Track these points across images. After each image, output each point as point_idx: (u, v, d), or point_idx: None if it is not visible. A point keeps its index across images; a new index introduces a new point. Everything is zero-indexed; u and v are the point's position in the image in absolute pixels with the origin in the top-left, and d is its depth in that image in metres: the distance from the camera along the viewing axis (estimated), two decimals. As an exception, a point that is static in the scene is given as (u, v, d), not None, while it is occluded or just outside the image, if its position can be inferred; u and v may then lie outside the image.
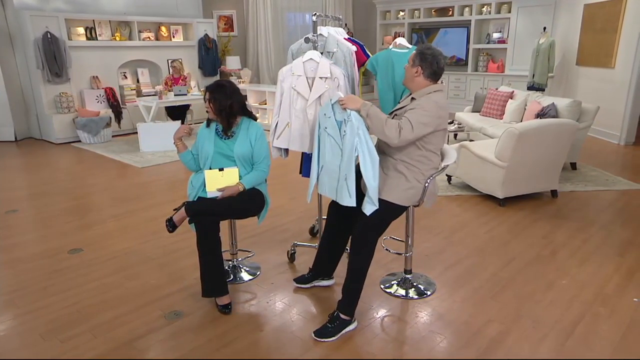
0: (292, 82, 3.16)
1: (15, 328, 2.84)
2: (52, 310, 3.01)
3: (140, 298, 3.14)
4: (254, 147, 3.04)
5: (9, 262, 3.68)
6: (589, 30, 7.84)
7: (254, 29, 11.52)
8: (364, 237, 2.72)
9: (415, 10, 10.91)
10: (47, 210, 4.83)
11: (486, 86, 9.75)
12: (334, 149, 2.83)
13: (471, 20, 10.05)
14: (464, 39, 10.25)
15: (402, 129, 2.59)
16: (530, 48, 8.49)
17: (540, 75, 8.00)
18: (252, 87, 9.21)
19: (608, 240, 3.93)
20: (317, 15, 3.27)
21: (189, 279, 3.37)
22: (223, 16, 11.44)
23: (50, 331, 2.79)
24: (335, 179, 2.84)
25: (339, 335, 2.68)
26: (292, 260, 3.62)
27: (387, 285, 3.22)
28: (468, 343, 2.64)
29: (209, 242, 2.90)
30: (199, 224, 2.89)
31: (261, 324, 2.84)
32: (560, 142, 4.70)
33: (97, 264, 3.61)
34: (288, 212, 4.58)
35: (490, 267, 3.50)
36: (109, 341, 2.69)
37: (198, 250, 2.92)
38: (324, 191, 2.97)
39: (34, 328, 2.83)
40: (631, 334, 2.71)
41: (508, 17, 9.51)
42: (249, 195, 3.04)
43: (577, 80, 8.20)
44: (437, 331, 2.76)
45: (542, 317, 2.88)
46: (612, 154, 6.74)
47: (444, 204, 4.77)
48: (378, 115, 2.65)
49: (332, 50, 3.33)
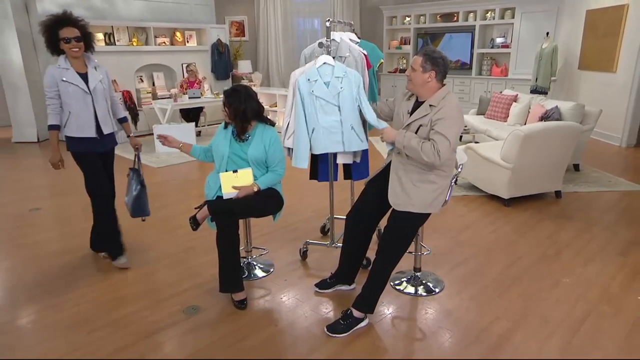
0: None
1: (40, 321, 2.85)
2: (75, 304, 3.03)
3: (158, 293, 3.15)
4: (268, 151, 3.03)
5: (32, 259, 3.70)
6: (591, 35, 7.78)
7: (265, 34, 11.53)
8: (391, 244, 2.70)
9: (421, 16, 10.87)
10: (68, 208, 4.86)
11: (490, 90, 9.70)
12: (326, 107, 3.11)
13: (475, 25, 9.99)
14: (469, 44, 10.20)
15: (439, 150, 2.51)
16: (533, 52, 8.44)
17: (543, 79, 7.94)
18: (262, 90, 9.21)
19: (612, 240, 3.89)
20: (330, 21, 3.26)
21: (205, 275, 3.37)
22: (235, 22, 11.46)
23: (75, 324, 2.81)
24: (337, 133, 3.13)
25: (350, 332, 2.67)
26: (304, 258, 3.62)
27: (397, 283, 3.21)
28: (476, 340, 2.62)
29: (229, 240, 2.91)
30: (219, 222, 2.90)
31: (275, 319, 2.84)
32: (564, 144, 4.66)
33: (116, 261, 3.62)
34: (298, 212, 4.58)
35: (497, 266, 3.48)
36: (130, 334, 2.70)
37: (217, 247, 2.92)
38: (320, 149, 3.17)
39: (60, 321, 2.84)
40: (636, 332, 2.68)
41: (512, 22, 9.45)
42: (266, 195, 3.04)
43: (579, 84, 8.14)
44: (446, 327, 2.74)
45: (548, 315, 2.85)
46: (614, 155, 6.69)
47: (450, 204, 4.74)
48: (412, 146, 2.56)
49: (345, 55, 3.31)
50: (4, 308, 3.01)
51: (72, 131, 3.23)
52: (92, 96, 3.22)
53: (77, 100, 3.17)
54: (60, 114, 3.21)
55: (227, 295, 3.03)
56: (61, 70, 3.13)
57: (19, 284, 3.31)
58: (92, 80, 3.22)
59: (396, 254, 2.71)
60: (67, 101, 3.17)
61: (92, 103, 3.23)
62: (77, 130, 3.21)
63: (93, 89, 3.22)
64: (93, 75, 3.24)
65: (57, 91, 3.14)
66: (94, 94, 3.23)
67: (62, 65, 3.14)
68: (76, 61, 3.19)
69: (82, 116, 3.21)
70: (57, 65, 3.15)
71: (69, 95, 3.15)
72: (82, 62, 3.24)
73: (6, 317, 2.90)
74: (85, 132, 3.24)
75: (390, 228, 2.71)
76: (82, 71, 3.22)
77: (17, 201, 5.07)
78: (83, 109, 3.20)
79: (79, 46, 3.14)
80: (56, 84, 3.12)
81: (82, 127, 3.22)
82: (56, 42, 3.11)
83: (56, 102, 3.16)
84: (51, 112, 3.18)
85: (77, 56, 3.17)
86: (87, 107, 3.21)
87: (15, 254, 3.79)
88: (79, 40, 3.13)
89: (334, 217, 3.64)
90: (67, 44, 3.09)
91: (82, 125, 3.22)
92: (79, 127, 3.21)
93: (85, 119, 3.22)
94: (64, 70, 3.14)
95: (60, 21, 3.09)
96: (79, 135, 3.23)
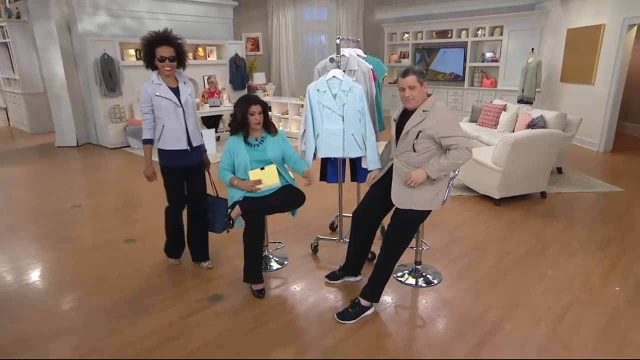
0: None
1: (81, 307, 2.88)
2: (111, 292, 3.05)
3: (185, 283, 3.17)
4: (284, 147, 3.05)
5: (73, 251, 3.73)
6: (571, 51, 7.73)
7: (277, 49, 11.53)
8: (394, 240, 2.70)
9: (418, 33, 10.83)
10: (104, 205, 4.89)
11: (481, 99, 9.65)
12: (331, 117, 3.14)
13: (467, 41, 9.94)
14: (461, 58, 10.15)
15: (465, 147, 2.53)
16: (520, 66, 8.38)
17: (528, 90, 7.89)
18: (275, 99, 9.21)
19: (592, 237, 3.87)
20: (340, 38, 3.26)
21: (226, 266, 3.38)
22: (250, 38, 11.47)
23: (112, 309, 2.83)
24: (339, 140, 3.17)
25: (358, 319, 2.67)
26: (315, 252, 3.61)
27: (399, 275, 3.20)
28: (471, 327, 2.62)
29: (256, 235, 2.92)
30: (249, 219, 2.90)
31: (290, 307, 2.85)
32: (549, 149, 4.64)
33: (146, 253, 3.64)
34: (308, 210, 4.54)
35: (490, 260, 3.46)
36: (161, 319, 2.72)
37: (244, 242, 2.93)
38: (323, 153, 3.22)
39: (99, 306, 2.87)
40: (614, 320, 2.68)
41: (500, 39, 9.39)
42: (290, 192, 3.05)
43: (561, 95, 8.08)
44: (444, 315, 2.74)
45: (536, 304, 2.84)
46: (593, 160, 6.64)
47: (447, 204, 4.70)
48: (444, 165, 2.56)
49: (354, 69, 3.31)
50: (50, 294, 3.04)
51: (166, 144, 3.04)
52: (184, 109, 3.04)
53: (169, 114, 3.00)
54: (153, 128, 3.04)
55: (247, 285, 3.04)
56: (154, 85, 2.98)
57: (62, 273, 3.33)
58: (183, 94, 3.05)
59: (399, 249, 2.70)
60: (160, 115, 3.00)
61: (184, 116, 3.05)
62: (170, 143, 3.04)
63: (184, 103, 3.04)
64: (183, 90, 3.07)
65: (151, 106, 2.99)
66: (185, 107, 3.05)
67: (155, 81, 3.00)
68: (168, 77, 3.04)
69: (175, 129, 3.03)
70: (151, 81, 3.00)
71: (162, 109, 2.98)
72: (173, 77, 3.07)
73: (52, 303, 2.93)
74: (178, 145, 3.05)
75: (394, 226, 2.71)
76: (173, 86, 3.05)
77: (60, 199, 5.10)
78: (175, 122, 3.02)
79: (171, 65, 2.98)
80: (150, 100, 2.97)
81: (174, 140, 3.04)
82: (152, 59, 2.96)
83: (150, 117, 3.01)
84: (146, 126, 3.03)
85: (169, 74, 3.01)
86: (179, 120, 3.03)
87: (59, 246, 3.82)
88: (172, 60, 2.97)
89: (342, 215, 3.64)
90: (161, 63, 2.94)
91: (174, 138, 3.03)
92: (172, 140, 3.03)
93: (177, 132, 3.03)
94: (157, 86, 2.98)
95: (159, 39, 2.95)
96: (171, 147, 3.05)
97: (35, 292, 3.09)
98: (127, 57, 8.07)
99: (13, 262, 3.54)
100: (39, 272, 3.38)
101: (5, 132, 9.60)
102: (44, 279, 3.26)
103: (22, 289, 3.12)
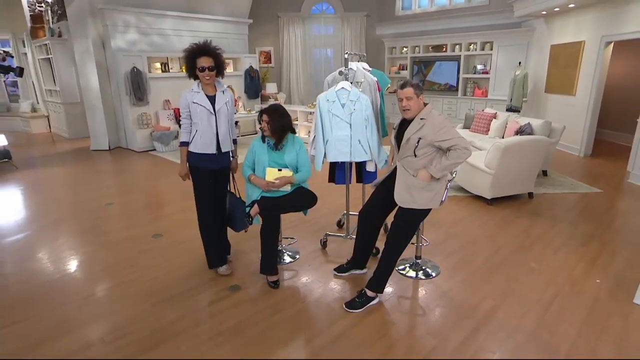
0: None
1: (112, 296, 2.90)
2: (140, 282, 3.06)
3: (207, 274, 3.17)
4: (299, 155, 3.05)
5: (106, 244, 3.75)
6: (555, 65, 7.67)
7: (287, 61, 11.53)
8: (397, 237, 2.69)
9: (416, 47, 10.78)
10: (133, 203, 4.91)
11: (473, 108, 9.60)
12: (340, 124, 3.14)
13: (461, 55, 9.89)
14: (455, 70, 10.09)
15: (463, 147, 2.52)
16: (508, 78, 8.33)
17: (516, 100, 7.83)
18: (286, 107, 9.19)
19: (574, 234, 3.84)
20: (348, 53, 3.26)
21: (244, 260, 3.38)
22: (263, 51, 11.47)
23: (141, 298, 2.84)
24: (346, 145, 3.17)
25: (364, 308, 2.67)
26: (324, 247, 3.61)
27: (401, 268, 3.19)
28: (467, 315, 2.61)
29: (272, 231, 2.92)
30: (267, 217, 2.91)
31: (303, 297, 2.85)
32: (536, 154, 4.60)
33: (172, 247, 3.65)
34: (317, 209, 4.52)
35: (483, 255, 3.45)
36: (185, 307, 2.73)
37: (261, 237, 2.93)
38: (331, 157, 3.23)
39: (129, 295, 2.89)
40: (595, 309, 2.66)
41: (490, 53, 9.33)
42: (303, 194, 3.08)
43: (546, 105, 8.02)
44: (442, 305, 2.73)
45: (525, 295, 2.83)
46: (574, 163, 6.58)
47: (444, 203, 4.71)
48: (446, 165, 2.55)
49: (360, 80, 3.31)
50: (87, 283, 3.06)
51: (196, 147, 2.97)
52: (216, 117, 2.96)
53: (203, 120, 2.93)
54: (189, 132, 2.97)
55: (262, 277, 3.05)
56: (193, 93, 2.93)
57: (96, 265, 3.36)
58: (218, 102, 2.96)
59: (401, 245, 2.70)
60: (195, 121, 2.94)
61: (216, 123, 2.96)
62: (200, 147, 2.96)
63: (218, 110, 2.95)
64: (220, 98, 2.98)
65: (189, 112, 2.94)
66: (218, 115, 2.96)
67: (194, 89, 2.95)
68: (207, 85, 2.97)
69: (207, 134, 2.95)
70: (191, 89, 2.96)
71: (197, 115, 2.92)
72: (212, 86, 2.99)
73: (88, 291, 2.96)
74: (207, 149, 2.97)
75: (397, 224, 2.70)
76: (211, 94, 2.97)
77: (95, 197, 5.13)
78: (207, 128, 2.94)
79: (210, 75, 2.90)
80: (188, 106, 2.93)
81: (205, 144, 2.96)
82: (194, 69, 2.91)
83: (187, 122, 2.95)
84: (183, 130, 2.98)
85: (209, 83, 2.94)
86: (210, 126, 2.95)
87: (95, 240, 3.84)
88: (211, 70, 2.90)
89: (349, 213, 3.63)
90: (202, 72, 2.88)
91: (205, 143, 2.96)
92: (202, 144, 2.96)
93: (208, 137, 2.96)
94: (195, 94, 2.93)
95: (200, 51, 2.88)
96: (201, 151, 2.97)
97: (76, 280, 3.12)
98: (153, 69, 8.10)
99: (58, 253, 3.57)
100: (77, 262, 3.40)
101: (47, 137, 9.69)
102: (82, 269, 3.29)
103: (65, 277, 3.16)
